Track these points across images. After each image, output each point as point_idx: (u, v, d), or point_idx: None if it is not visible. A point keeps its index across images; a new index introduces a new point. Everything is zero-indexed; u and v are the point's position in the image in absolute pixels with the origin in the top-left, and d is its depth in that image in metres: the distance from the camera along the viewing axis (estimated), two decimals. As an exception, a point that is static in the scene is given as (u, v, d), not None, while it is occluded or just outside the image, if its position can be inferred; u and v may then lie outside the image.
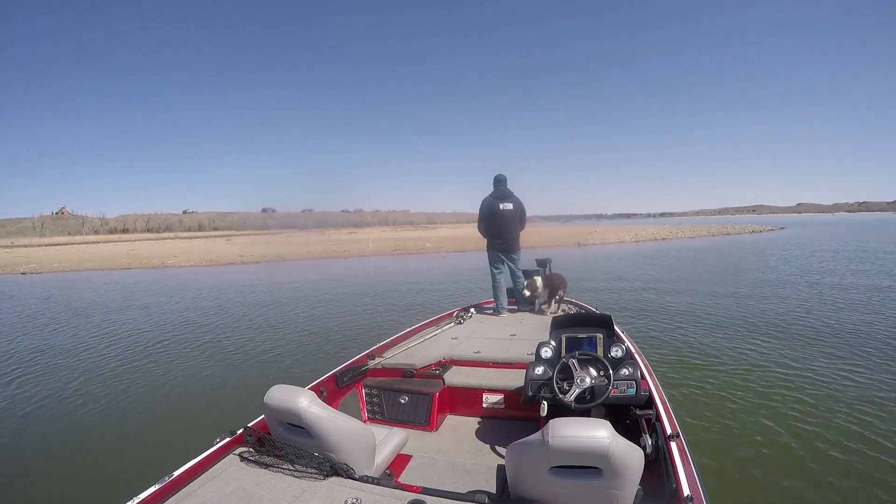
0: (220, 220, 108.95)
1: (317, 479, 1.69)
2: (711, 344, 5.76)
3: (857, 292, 8.97)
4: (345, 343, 6.42)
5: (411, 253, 25.24)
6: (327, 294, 11.23)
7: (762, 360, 5.07)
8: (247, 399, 4.47)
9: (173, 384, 5.09)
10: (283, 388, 1.85)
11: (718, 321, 6.96)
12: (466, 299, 8.00)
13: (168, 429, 4.03)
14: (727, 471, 3.00)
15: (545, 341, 2.58)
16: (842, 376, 4.50)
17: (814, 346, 5.55)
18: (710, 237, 32.55)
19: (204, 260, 23.15)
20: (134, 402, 4.65)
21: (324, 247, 30.24)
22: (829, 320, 6.78)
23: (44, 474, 3.38)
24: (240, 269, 19.93)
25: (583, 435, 1.37)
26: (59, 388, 5.08)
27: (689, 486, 1.55)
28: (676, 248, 23.09)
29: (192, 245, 37.77)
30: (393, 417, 2.96)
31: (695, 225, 51.99)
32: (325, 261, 22.12)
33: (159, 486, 1.62)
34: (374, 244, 31.35)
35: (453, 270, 16.17)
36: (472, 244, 27.83)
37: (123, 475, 3.25)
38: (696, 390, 4.27)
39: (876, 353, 5.19)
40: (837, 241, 24.35)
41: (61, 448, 3.76)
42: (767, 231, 39.44)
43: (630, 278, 12.38)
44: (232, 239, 48.23)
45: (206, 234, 70.00)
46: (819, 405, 3.89)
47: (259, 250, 28.46)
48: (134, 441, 3.83)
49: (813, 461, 3.08)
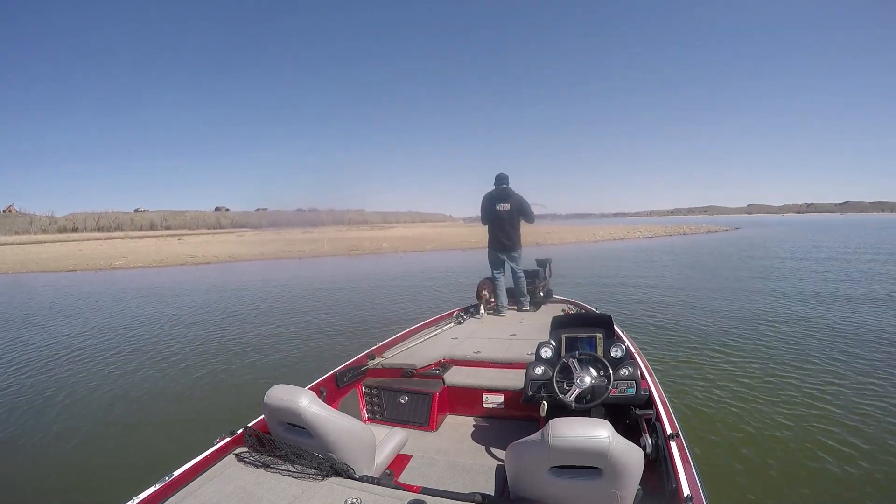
0: (172, 219, 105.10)
1: (317, 478, 1.69)
2: (711, 344, 5.76)
3: (854, 291, 9.00)
4: (287, 364, 5.62)
5: (368, 253, 24.44)
6: (282, 299, 10.35)
7: (763, 360, 5.06)
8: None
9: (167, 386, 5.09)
10: (283, 387, 1.85)
11: (718, 321, 6.96)
12: (435, 303, 7.86)
13: (167, 429, 4.03)
14: (727, 471, 3.00)
15: (545, 341, 2.58)
16: (842, 376, 4.50)
17: (813, 345, 5.55)
18: (668, 237, 32.96)
19: (154, 261, 21.93)
20: (134, 402, 4.65)
21: (278, 247, 29.01)
22: (827, 321, 6.78)
23: (43, 475, 3.38)
24: (190, 270, 18.87)
25: (583, 435, 1.37)
26: (58, 389, 5.09)
27: (689, 486, 1.55)
28: (642, 248, 23.13)
29: (142, 245, 35.52)
30: (393, 417, 2.96)
31: (652, 225, 52.42)
32: (280, 261, 21.28)
33: (159, 485, 1.62)
34: (329, 244, 30.18)
35: (418, 270, 15.53)
36: (429, 244, 27.68)
37: (123, 475, 3.24)
38: (696, 390, 4.27)
39: (879, 353, 5.20)
40: (811, 242, 24.72)
41: (61, 448, 3.76)
42: (723, 231, 40.21)
43: (612, 275, 12.52)
44: (184, 239, 45.96)
45: (158, 233, 67.79)
46: (820, 405, 3.89)
47: (211, 250, 27.10)
48: (133, 441, 3.83)
49: (813, 461, 3.08)
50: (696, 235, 34.58)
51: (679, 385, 4.38)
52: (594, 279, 11.98)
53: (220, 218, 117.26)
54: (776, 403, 3.94)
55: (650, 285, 10.79)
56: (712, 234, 35.84)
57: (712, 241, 28.36)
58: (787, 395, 4.09)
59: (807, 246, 21.55)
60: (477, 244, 26.45)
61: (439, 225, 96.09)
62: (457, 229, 54.83)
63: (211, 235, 52.71)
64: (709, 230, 40.80)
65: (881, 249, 19.09)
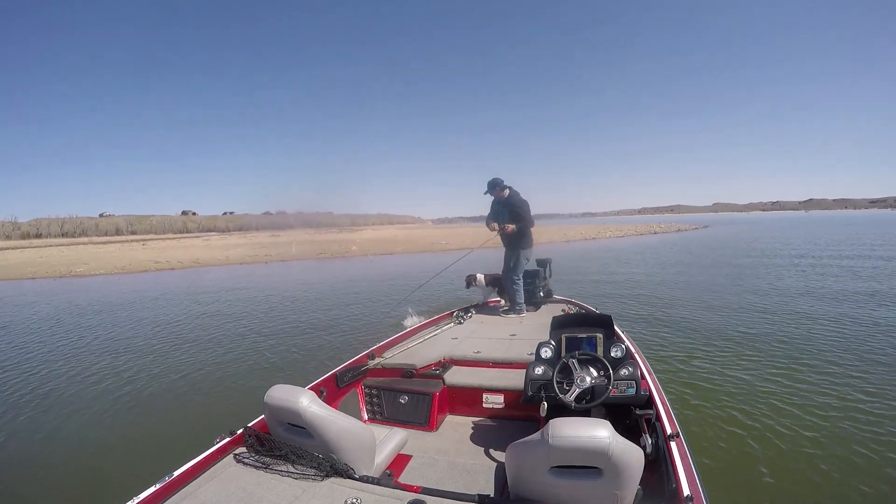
0: (138, 224, 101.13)
1: (317, 479, 1.69)
2: (711, 344, 5.75)
3: (849, 287, 9.01)
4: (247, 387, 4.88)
5: (337, 257, 23.71)
6: (246, 308, 9.58)
7: (763, 359, 5.06)
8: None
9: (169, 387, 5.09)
10: (283, 387, 1.85)
11: (717, 321, 6.96)
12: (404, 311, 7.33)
13: (167, 429, 4.02)
14: (727, 471, 3.00)
15: (545, 341, 2.58)
16: (843, 375, 4.50)
17: (813, 344, 5.54)
18: (640, 236, 33.03)
19: (116, 267, 20.86)
20: (133, 403, 4.65)
21: (244, 251, 28.21)
22: (826, 321, 6.78)
23: (43, 475, 3.38)
24: (152, 276, 17.84)
25: (583, 435, 1.37)
26: (59, 390, 5.08)
27: (689, 486, 1.55)
28: (617, 248, 23.06)
29: (105, 251, 33.95)
30: (393, 417, 2.96)
31: (622, 224, 52.44)
32: (245, 266, 20.53)
33: (159, 486, 1.62)
34: (297, 248, 29.28)
35: (394, 275, 14.58)
36: (399, 247, 27.19)
37: (123, 476, 3.24)
38: (696, 390, 4.27)
39: (881, 354, 5.20)
40: (784, 238, 25.02)
41: (60, 449, 3.75)
42: (693, 229, 40.56)
43: (600, 271, 12.66)
44: (148, 244, 44.32)
45: (123, 238, 65.74)
46: (820, 405, 3.88)
47: (176, 255, 26.13)
48: (133, 442, 3.83)
49: (813, 460, 3.08)
50: (666, 234, 34.85)
51: (679, 385, 4.38)
52: (582, 276, 12.07)
53: (186, 222, 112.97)
54: (776, 403, 3.93)
55: (642, 283, 10.83)
56: (682, 233, 36.18)
57: (685, 239, 28.59)
58: (787, 395, 4.09)
59: (787, 242, 21.78)
60: (448, 246, 26.46)
61: (409, 227, 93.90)
62: (427, 231, 54.02)
63: (176, 240, 50.43)
64: (678, 229, 41.15)
65: (862, 244, 19.29)
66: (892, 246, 18.96)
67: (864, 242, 20.76)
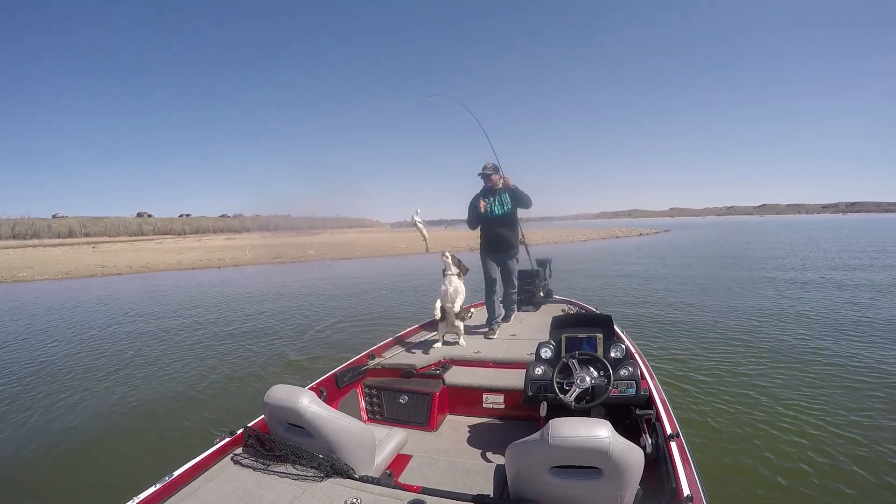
0: (92, 225, 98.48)
1: (317, 479, 1.69)
2: (711, 344, 5.76)
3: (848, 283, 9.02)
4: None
5: (293, 261, 22.92)
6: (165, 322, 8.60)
7: (763, 359, 5.06)
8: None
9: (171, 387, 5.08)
10: (283, 387, 1.85)
11: (717, 321, 6.96)
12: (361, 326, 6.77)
13: (167, 429, 4.02)
14: (727, 471, 3.00)
15: (545, 341, 2.58)
16: (843, 375, 4.50)
17: (813, 344, 5.54)
18: (602, 240, 33.45)
19: (61, 272, 19.75)
20: (133, 403, 4.64)
21: (197, 255, 27.12)
22: (827, 319, 6.78)
23: (43, 476, 3.38)
24: (98, 282, 16.77)
25: (583, 435, 1.37)
26: (57, 391, 5.08)
27: (689, 486, 1.55)
28: (584, 251, 23.07)
29: (52, 255, 31.88)
30: (393, 417, 2.96)
31: (584, 229, 52.90)
32: (196, 271, 19.57)
33: (159, 485, 1.62)
34: (251, 252, 28.26)
35: (355, 282, 13.63)
36: (358, 251, 26.66)
37: (123, 476, 3.24)
38: (696, 390, 4.27)
39: (884, 351, 5.20)
40: (743, 242, 25.44)
41: (61, 449, 3.75)
42: (654, 234, 41.43)
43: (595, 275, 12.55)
44: (98, 247, 41.90)
45: (73, 241, 63.41)
46: (820, 404, 3.88)
47: (125, 259, 25.15)
48: (133, 442, 3.83)
49: (813, 461, 3.08)
50: (629, 238, 35.38)
51: (679, 385, 4.38)
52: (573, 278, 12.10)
53: (142, 224, 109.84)
54: (776, 403, 3.94)
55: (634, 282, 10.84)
56: (644, 237, 36.68)
57: (651, 243, 28.90)
58: (787, 395, 4.09)
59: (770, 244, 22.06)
60: (408, 249, 26.19)
61: (368, 230, 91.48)
62: (387, 234, 53.10)
63: (129, 243, 48.87)
64: (640, 233, 42.07)
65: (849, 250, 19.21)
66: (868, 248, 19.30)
67: (849, 248, 20.58)
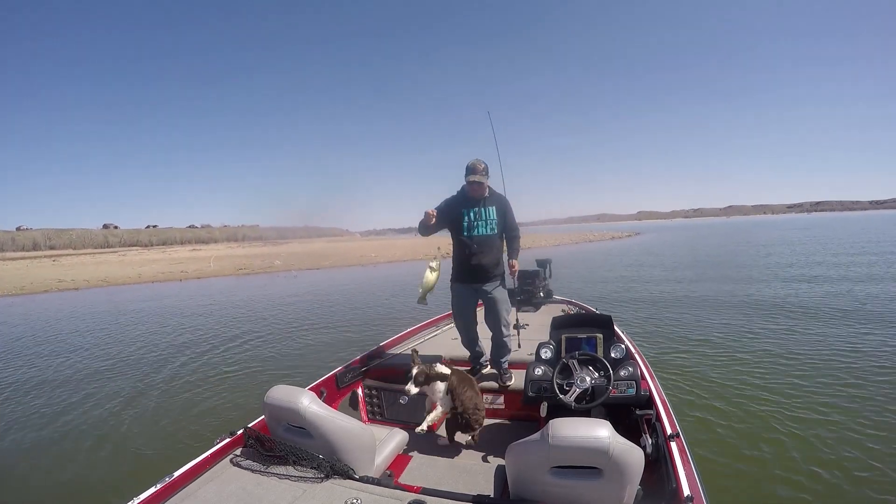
0: (57, 238, 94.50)
1: (317, 479, 1.69)
2: (712, 344, 5.76)
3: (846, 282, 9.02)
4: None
5: (258, 272, 22.34)
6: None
7: (763, 360, 5.06)
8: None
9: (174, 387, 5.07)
10: (283, 388, 1.85)
11: (717, 321, 6.96)
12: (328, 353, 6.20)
13: (167, 429, 4.02)
14: (727, 471, 3.00)
15: (545, 342, 2.58)
16: (843, 375, 4.49)
17: (812, 344, 5.54)
18: (575, 244, 33.67)
19: (15, 287, 18.77)
20: (133, 404, 4.64)
21: (160, 267, 26.50)
22: (827, 319, 6.78)
23: (44, 476, 3.38)
24: (53, 297, 16.01)
25: (583, 435, 1.37)
26: (58, 392, 5.07)
27: (689, 486, 1.55)
28: (560, 255, 22.64)
29: (9, 269, 30.62)
30: (393, 418, 2.96)
31: (556, 234, 52.61)
32: (158, 284, 18.88)
33: (159, 486, 1.62)
34: (215, 263, 27.56)
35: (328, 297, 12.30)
36: (327, 261, 26.08)
37: (123, 476, 3.24)
38: (696, 390, 4.27)
39: (883, 351, 5.20)
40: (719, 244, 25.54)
41: (61, 450, 3.75)
42: (626, 237, 42.18)
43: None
44: (59, 260, 40.32)
45: (34, 254, 61.15)
46: (820, 404, 3.88)
47: (84, 273, 24.16)
48: (134, 442, 3.83)
49: (814, 460, 3.08)
50: (602, 242, 35.65)
51: (679, 385, 4.38)
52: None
53: (108, 236, 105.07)
54: (776, 403, 3.93)
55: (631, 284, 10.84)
56: (617, 241, 36.99)
57: (625, 246, 29.03)
58: (787, 395, 4.08)
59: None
60: (378, 259, 25.94)
61: (337, 240, 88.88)
62: (356, 244, 52.31)
63: (91, 256, 47.24)
64: (612, 237, 42.77)
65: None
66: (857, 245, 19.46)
67: (828, 246, 20.85)
